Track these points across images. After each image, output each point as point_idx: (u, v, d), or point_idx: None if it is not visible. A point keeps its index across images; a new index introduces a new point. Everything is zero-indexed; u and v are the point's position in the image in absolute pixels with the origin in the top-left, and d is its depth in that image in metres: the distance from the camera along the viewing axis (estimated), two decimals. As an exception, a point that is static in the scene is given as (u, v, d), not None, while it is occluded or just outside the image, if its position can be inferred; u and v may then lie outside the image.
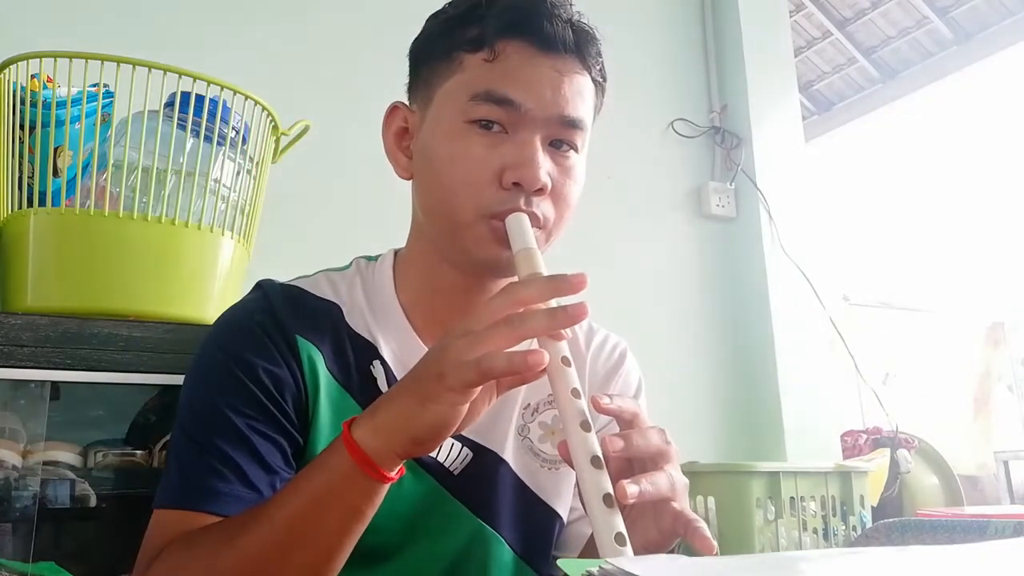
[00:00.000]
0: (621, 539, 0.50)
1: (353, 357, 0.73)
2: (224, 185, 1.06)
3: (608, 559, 0.42)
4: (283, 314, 0.71)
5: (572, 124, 0.69)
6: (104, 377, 0.93)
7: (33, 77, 1.01)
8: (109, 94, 1.03)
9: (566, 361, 0.56)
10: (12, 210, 1.00)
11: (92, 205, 0.97)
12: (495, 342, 0.53)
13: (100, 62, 0.96)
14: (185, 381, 0.71)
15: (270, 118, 1.12)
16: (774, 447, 1.90)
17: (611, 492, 0.52)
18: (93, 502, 1.00)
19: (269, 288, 0.75)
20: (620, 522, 0.51)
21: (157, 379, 0.96)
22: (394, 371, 0.73)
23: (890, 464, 2.01)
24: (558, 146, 0.70)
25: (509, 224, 0.66)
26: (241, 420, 0.66)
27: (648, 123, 2.06)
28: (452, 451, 0.74)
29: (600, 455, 0.53)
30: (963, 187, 4.14)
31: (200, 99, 1.01)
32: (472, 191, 0.67)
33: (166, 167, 1.00)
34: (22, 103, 1.01)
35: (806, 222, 2.09)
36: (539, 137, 0.68)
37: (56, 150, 1.03)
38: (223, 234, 1.05)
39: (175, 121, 1.01)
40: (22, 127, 1.02)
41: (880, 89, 3.48)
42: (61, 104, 1.03)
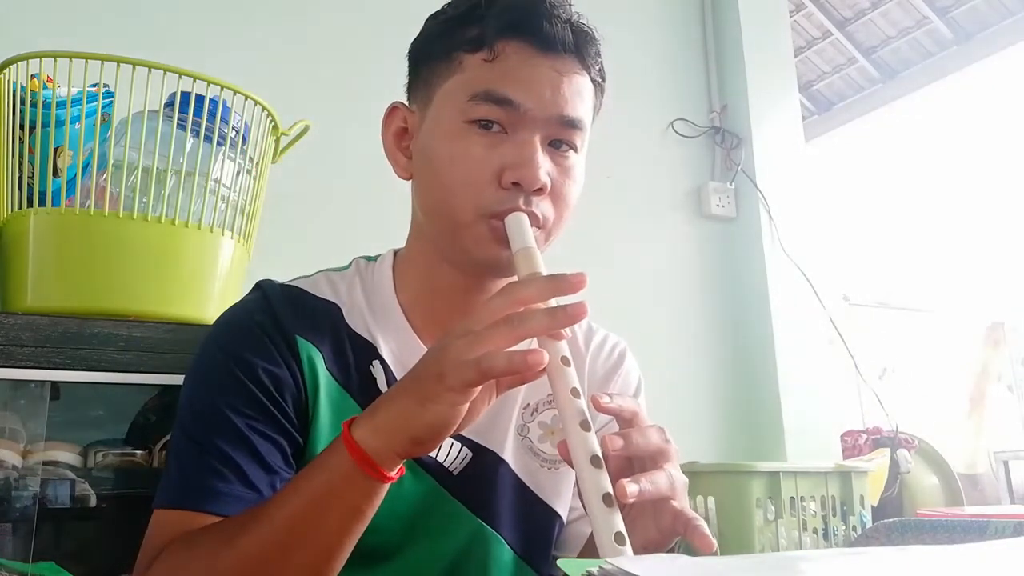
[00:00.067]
0: (621, 538, 0.50)
1: (353, 357, 0.73)
2: (224, 185, 1.06)
3: (608, 559, 0.42)
4: (283, 314, 0.71)
5: (571, 124, 0.69)
6: (104, 377, 0.93)
7: (33, 77, 1.01)
8: (109, 94, 1.03)
9: (566, 361, 0.56)
10: (12, 210, 1.00)
11: (92, 205, 0.97)
12: (495, 342, 0.53)
13: (100, 62, 0.96)
14: (185, 381, 0.71)
15: (270, 118, 1.12)
16: (774, 447, 1.90)
17: (611, 491, 0.52)
18: (93, 502, 1.00)
19: (269, 288, 0.75)
20: (620, 521, 0.51)
21: (157, 379, 0.96)
22: (394, 371, 0.73)
23: (890, 464, 2.01)
24: (557, 146, 0.70)
25: (508, 224, 0.66)
26: (241, 420, 0.66)
27: (648, 123, 2.06)
28: (452, 451, 0.74)
29: (600, 454, 0.53)
30: (963, 187, 4.14)
31: (200, 99, 1.01)
32: (472, 191, 0.67)
33: (166, 167, 1.00)
34: (22, 103, 1.01)
35: (806, 222, 2.09)
36: (538, 137, 0.68)
37: (56, 150, 1.03)
38: (223, 234, 1.05)
39: (175, 121, 1.01)
40: (22, 127, 1.02)
41: (880, 89, 3.48)
42: (61, 104, 1.04)
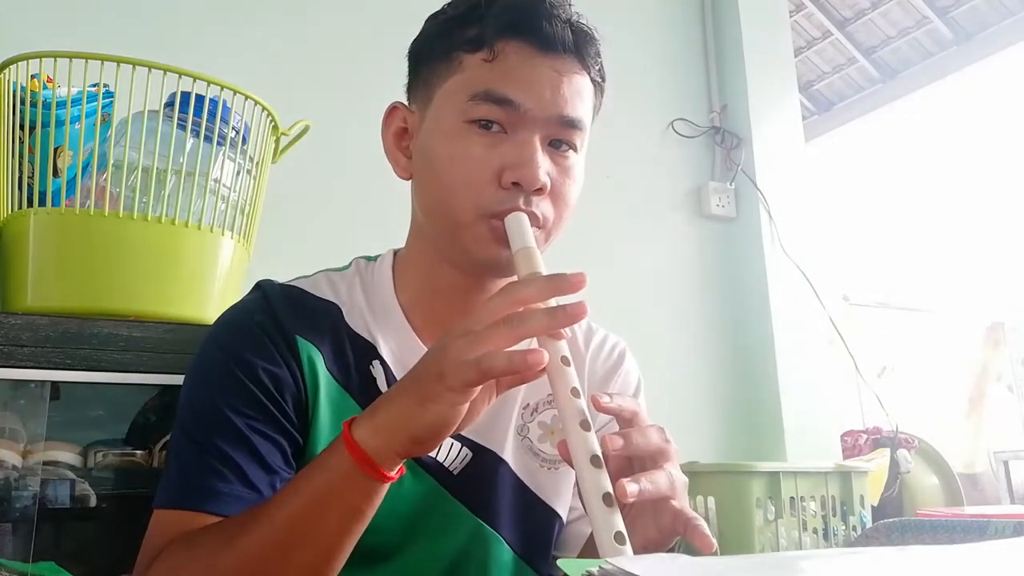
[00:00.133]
0: (621, 538, 0.50)
1: (353, 357, 0.73)
2: (224, 185, 1.06)
3: (608, 559, 0.42)
4: (283, 314, 0.71)
5: (571, 124, 0.69)
6: (104, 377, 0.93)
7: (33, 77, 1.01)
8: (109, 94, 1.03)
9: (565, 360, 0.56)
10: (12, 210, 1.00)
11: (92, 205, 0.97)
12: (495, 341, 0.53)
13: (100, 62, 0.96)
14: (185, 381, 0.71)
15: (270, 118, 1.12)
16: (774, 447, 1.90)
17: (611, 491, 0.52)
18: (93, 502, 1.00)
19: (269, 288, 0.75)
20: (620, 521, 0.51)
21: (157, 379, 0.96)
22: (393, 371, 0.73)
23: (890, 464, 2.01)
24: (557, 146, 0.70)
25: (508, 224, 0.66)
26: (241, 420, 0.66)
27: (648, 123, 2.06)
28: (452, 451, 0.74)
29: (600, 454, 0.53)
30: (963, 187, 4.13)
31: (200, 99, 1.01)
32: (471, 191, 0.67)
33: (166, 167, 1.00)
34: (22, 103, 1.01)
35: (806, 222, 2.09)
36: (538, 137, 0.68)
37: (56, 150, 1.03)
38: (223, 234, 1.05)
39: (175, 121, 1.01)
40: (22, 127, 1.02)
41: (880, 89, 3.48)
42: (61, 104, 1.04)
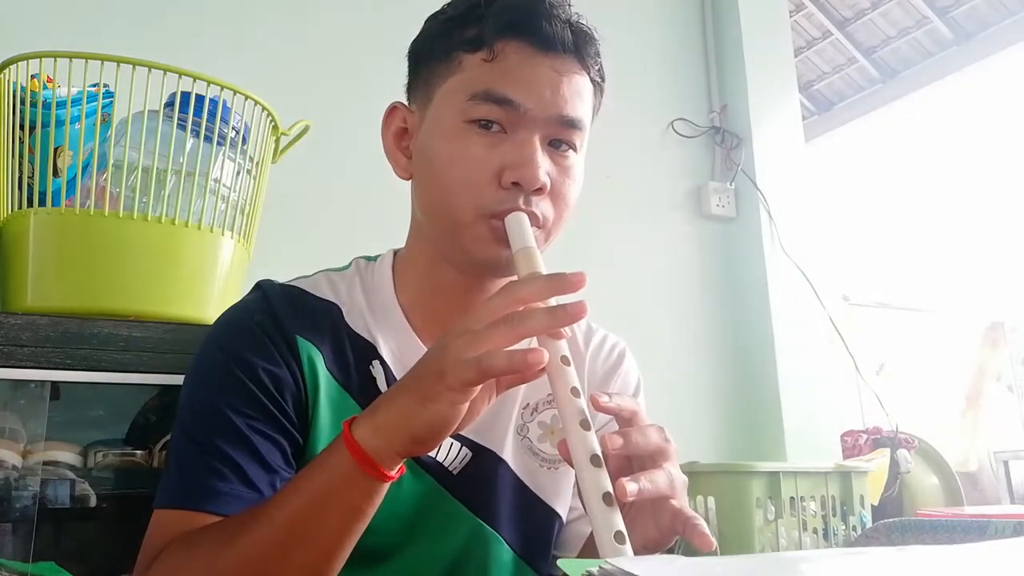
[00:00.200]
0: (621, 537, 0.50)
1: (353, 357, 0.73)
2: (224, 185, 1.06)
3: (608, 559, 0.42)
4: (283, 314, 0.71)
5: (571, 124, 0.69)
6: (104, 377, 0.93)
7: (33, 77, 1.01)
8: (109, 94, 1.03)
9: (565, 360, 0.56)
10: (12, 210, 1.00)
11: (92, 205, 0.97)
12: (495, 341, 0.53)
13: (100, 62, 0.96)
14: (185, 381, 0.71)
15: (270, 118, 1.12)
16: (774, 447, 1.89)
17: (611, 491, 0.52)
18: (93, 502, 1.00)
19: (269, 288, 0.75)
20: (620, 520, 0.51)
21: (157, 379, 0.96)
22: (393, 371, 0.73)
23: (890, 464, 2.01)
24: (557, 146, 0.70)
25: (508, 223, 0.66)
26: (241, 420, 0.66)
27: (648, 123, 2.06)
28: (451, 451, 0.74)
29: (599, 454, 0.53)
30: (963, 187, 4.13)
31: (200, 99, 1.01)
32: (471, 191, 0.67)
33: (166, 167, 1.00)
34: (22, 103, 1.01)
35: (806, 222, 2.09)
36: (538, 137, 0.68)
37: (56, 150, 1.03)
38: (223, 234, 1.05)
39: (175, 121, 1.01)
40: (22, 127, 1.02)
41: (880, 89, 3.48)
42: (61, 104, 1.04)
